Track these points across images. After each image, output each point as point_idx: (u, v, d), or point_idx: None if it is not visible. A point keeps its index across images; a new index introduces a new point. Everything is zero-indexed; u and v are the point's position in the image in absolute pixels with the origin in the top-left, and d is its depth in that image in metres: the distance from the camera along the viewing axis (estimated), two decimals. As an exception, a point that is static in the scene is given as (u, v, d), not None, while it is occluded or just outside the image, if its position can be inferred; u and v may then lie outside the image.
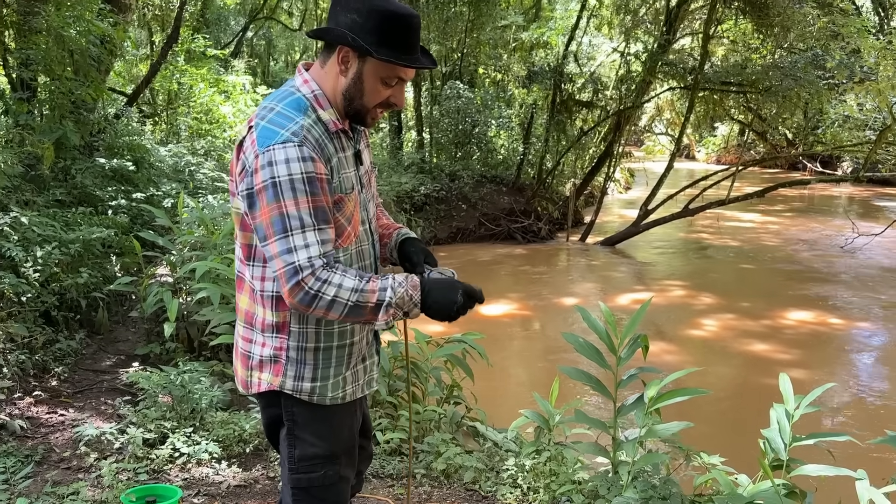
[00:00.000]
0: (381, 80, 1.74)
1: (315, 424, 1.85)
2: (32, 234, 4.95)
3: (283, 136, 1.65)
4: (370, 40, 1.67)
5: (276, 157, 1.62)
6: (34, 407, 4.08)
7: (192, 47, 12.89)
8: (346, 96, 1.75)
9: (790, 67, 12.38)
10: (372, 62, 1.71)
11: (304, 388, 1.82)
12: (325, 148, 1.71)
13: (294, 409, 1.84)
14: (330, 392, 1.84)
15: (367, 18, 1.67)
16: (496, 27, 16.83)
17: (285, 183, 1.62)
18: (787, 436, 2.79)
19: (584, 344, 2.77)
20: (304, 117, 1.70)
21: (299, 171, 1.63)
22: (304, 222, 1.63)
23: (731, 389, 6.72)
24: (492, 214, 14.03)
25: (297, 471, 1.85)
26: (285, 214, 1.63)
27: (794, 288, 10.61)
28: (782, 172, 25.88)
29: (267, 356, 1.82)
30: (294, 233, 1.63)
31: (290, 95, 1.75)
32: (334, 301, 1.63)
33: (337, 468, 1.87)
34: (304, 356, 1.81)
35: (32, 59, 6.70)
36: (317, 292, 1.62)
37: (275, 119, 1.69)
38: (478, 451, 3.85)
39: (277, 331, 1.80)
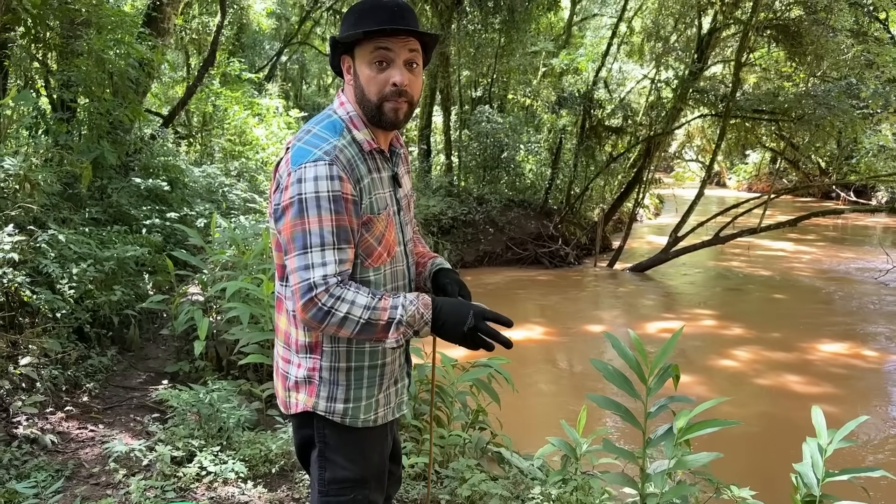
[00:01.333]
0: (368, 63, 1.75)
1: (346, 448, 1.86)
2: (69, 251, 5.04)
3: (316, 154, 1.69)
4: (346, 30, 1.75)
5: (305, 175, 1.67)
6: (65, 422, 4.13)
7: (227, 70, 13.14)
8: (359, 100, 1.79)
9: (824, 96, 12.27)
10: (357, 53, 1.77)
11: (336, 409, 1.83)
12: (357, 168, 1.74)
13: (326, 430, 1.86)
14: (363, 414, 1.86)
15: (345, 20, 1.78)
16: (526, 53, 16.95)
17: (311, 200, 1.66)
18: (821, 471, 2.73)
19: (613, 372, 2.75)
20: (339, 138, 1.75)
21: (326, 189, 1.66)
22: (324, 240, 1.66)
23: (762, 422, 6.59)
24: (519, 239, 14.02)
25: (326, 493, 1.86)
26: (307, 231, 1.66)
27: (827, 319, 10.42)
28: (815, 201, 25.54)
29: (302, 377, 1.85)
30: (313, 250, 1.66)
31: (328, 118, 1.81)
32: (346, 318, 1.65)
33: (366, 493, 1.88)
34: (337, 377, 1.83)
35: (73, 80, 6.88)
36: (329, 309, 1.64)
37: (310, 140, 1.74)
38: (503, 477, 3.82)
39: (310, 351, 1.83)
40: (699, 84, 14.03)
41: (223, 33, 12.79)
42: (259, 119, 12.31)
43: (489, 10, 14.65)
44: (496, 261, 13.76)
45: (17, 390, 4.06)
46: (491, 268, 13.49)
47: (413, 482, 3.66)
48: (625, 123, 16.00)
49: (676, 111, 14.28)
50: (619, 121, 16.14)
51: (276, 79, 20.32)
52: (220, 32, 10.35)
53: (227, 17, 13.13)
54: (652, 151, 14.50)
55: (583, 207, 15.91)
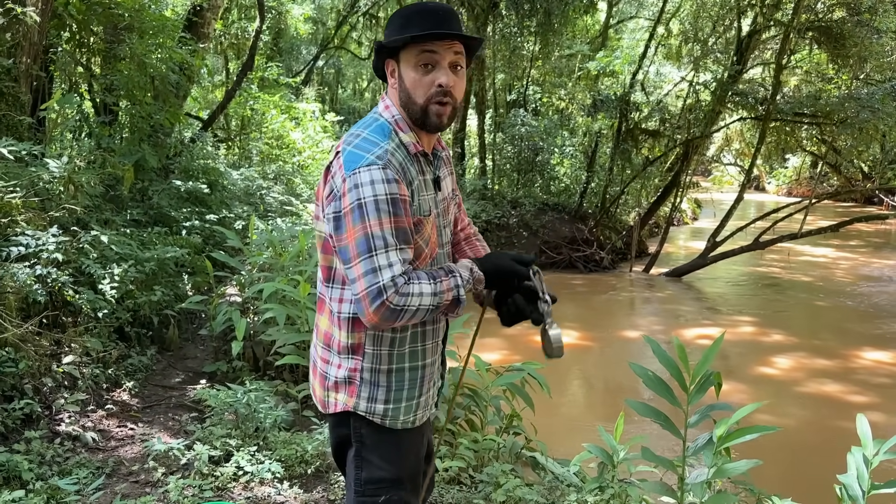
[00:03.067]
0: (413, 66, 1.77)
1: (383, 448, 1.88)
2: (110, 252, 5.14)
3: (368, 159, 1.71)
4: (392, 33, 1.77)
5: (361, 180, 1.68)
6: (106, 420, 4.20)
7: (265, 75, 13.30)
8: (404, 103, 1.81)
9: (867, 99, 11.99)
10: (403, 57, 1.79)
11: (377, 409, 1.85)
12: (408, 171, 1.77)
13: (363, 430, 1.87)
14: (402, 416, 1.88)
15: (390, 24, 1.81)
16: (562, 56, 16.86)
17: (370, 204, 1.68)
18: (866, 482, 2.66)
19: (653, 378, 2.71)
20: (388, 141, 1.76)
21: (384, 192, 1.68)
22: (387, 242, 1.69)
23: (805, 431, 6.45)
24: (553, 242, 13.93)
25: (362, 493, 1.88)
26: (370, 234, 1.68)
27: (870, 326, 10.17)
28: (857, 206, 24.98)
29: (342, 377, 1.87)
30: (378, 253, 1.68)
31: (375, 122, 1.82)
32: (418, 310, 1.72)
33: (402, 494, 1.89)
34: (378, 378, 1.85)
35: (116, 84, 7.02)
36: (402, 307, 1.69)
37: (360, 144, 1.75)
38: (538, 483, 3.78)
39: (352, 352, 1.85)
40: (738, 87, 13.81)
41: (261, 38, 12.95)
42: (296, 123, 12.43)
43: (525, 13, 14.60)
44: (530, 265, 13.67)
45: (60, 388, 4.14)
46: (525, 272, 13.40)
47: (448, 486, 3.65)
48: (662, 126, 15.81)
49: (715, 114, 14.07)
50: (655, 124, 15.95)
51: (313, 83, 20.51)
52: (258, 37, 10.48)
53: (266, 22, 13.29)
54: (690, 155, 14.31)
55: (618, 211, 15.76)
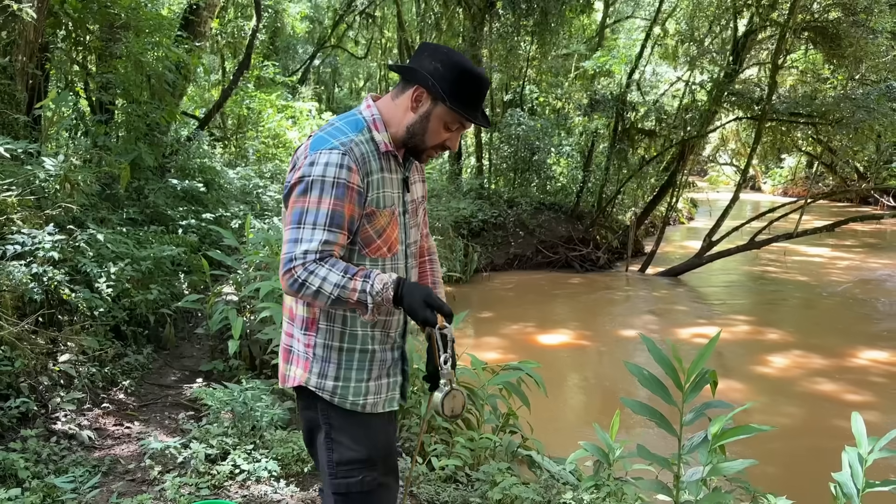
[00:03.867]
0: (445, 124, 1.94)
1: (352, 429, 1.95)
2: (107, 250, 5.13)
3: (332, 144, 1.84)
4: (446, 88, 1.87)
5: (318, 160, 1.81)
6: (102, 418, 4.20)
7: (261, 74, 13.28)
8: (410, 130, 1.94)
9: (863, 99, 12.02)
10: (442, 107, 1.91)
11: (326, 385, 1.94)
12: (369, 163, 1.88)
13: (330, 413, 1.95)
14: (351, 395, 1.95)
15: (448, 70, 1.88)
16: (558, 56, 16.87)
17: (317, 182, 1.80)
18: (861, 480, 2.67)
19: (648, 377, 2.72)
20: (358, 134, 1.89)
21: (333, 175, 1.80)
22: (316, 221, 1.80)
23: (800, 429, 6.47)
24: (549, 242, 13.95)
25: (336, 475, 1.94)
26: (305, 209, 1.80)
27: (866, 326, 10.20)
28: (852, 206, 25.02)
29: (299, 352, 1.97)
30: (304, 226, 1.80)
31: (352, 116, 1.96)
32: (319, 291, 1.78)
33: (375, 474, 1.95)
34: (329, 354, 1.95)
35: (112, 83, 7.01)
36: (303, 281, 1.78)
37: (330, 132, 1.89)
38: (534, 482, 3.79)
39: (307, 327, 1.95)
40: (734, 87, 13.84)
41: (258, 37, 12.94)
42: (293, 122, 12.42)
43: (522, 12, 14.61)
44: (526, 264, 13.70)
45: (56, 387, 4.14)
46: (521, 271, 13.44)
47: (444, 484, 3.65)
48: (658, 126, 15.84)
49: (711, 114, 14.10)
50: (652, 123, 15.98)
51: (310, 82, 20.49)
52: (255, 36, 10.47)
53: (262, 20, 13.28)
54: (686, 154, 14.33)
55: (615, 211, 15.77)
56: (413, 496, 3.55)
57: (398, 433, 4.12)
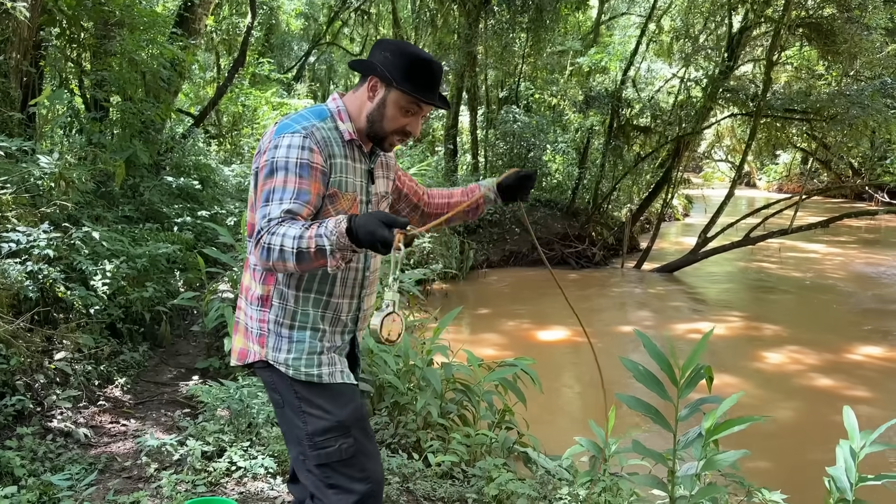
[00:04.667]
0: (400, 108, 2.02)
1: (319, 399, 2.00)
2: (102, 248, 5.13)
3: (294, 128, 1.94)
4: (396, 74, 1.98)
5: (281, 143, 1.91)
6: (98, 416, 4.20)
7: (257, 71, 13.26)
8: (370, 119, 2.04)
9: (857, 95, 12.05)
10: (395, 92, 2.01)
11: (280, 358, 2.01)
12: (331, 146, 1.97)
13: (296, 387, 2.01)
14: (304, 367, 2.01)
15: (396, 57, 2.00)
16: (553, 52, 16.87)
17: (280, 162, 1.89)
18: (854, 474, 2.69)
19: (643, 372, 2.73)
20: (321, 122, 2.00)
21: (296, 156, 1.89)
22: (282, 197, 1.87)
23: (795, 424, 6.50)
24: (545, 239, 13.96)
25: (314, 447, 1.98)
26: (272, 189, 1.88)
27: (861, 321, 10.24)
28: (847, 202, 25.10)
29: (253, 328, 2.05)
30: (273, 203, 1.87)
31: (317, 107, 2.07)
32: (282, 250, 1.78)
33: (351, 440, 1.98)
34: (281, 330, 2.02)
35: (106, 80, 6.99)
36: (268, 245, 1.81)
37: (294, 118, 1.99)
38: (530, 478, 3.81)
39: (262, 304, 2.03)
40: (729, 83, 13.86)
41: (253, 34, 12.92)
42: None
43: (517, 8, 14.60)
44: (522, 261, 13.71)
45: (52, 384, 4.14)
46: (517, 268, 13.45)
47: (440, 480, 3.66)
48: (653, 123, 15.86)
49: (706, 110, 14.12)
50: (647, 120, 16.00)
51: (305, 79, 20.46)
52: (250, 33, 10.45)
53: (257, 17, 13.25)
54: (681, 151, 14.36)
55: (610, 207, 15.79)
56: (409, 493, 3.56)
57: (395, 429, 4.12)
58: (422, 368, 4.24)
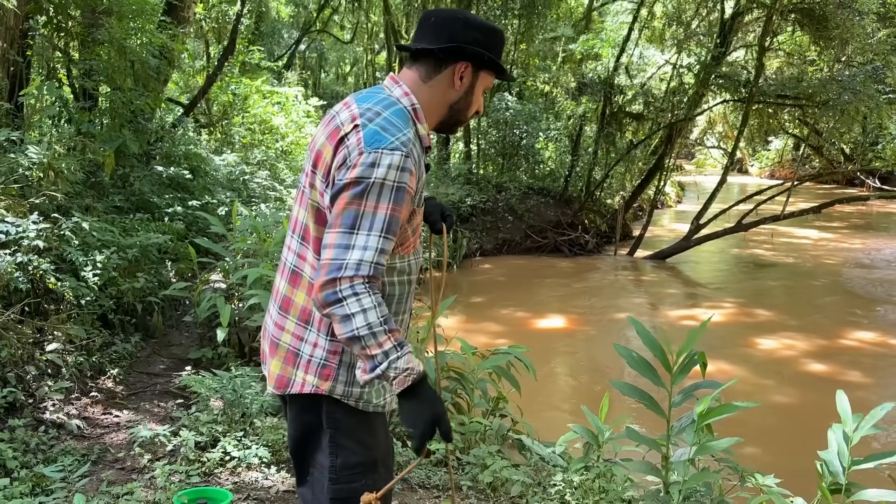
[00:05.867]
0: (483, 88, 1.87)
1: (358, 431, 1.84)
2: (92, 238, 5.09)
3: (393, 143, 1.68)
4: (490, 46, 1.81)
5: (381, 161, 1.65)
6: (90, 407, 4.19)
7: (247, 59, 13.16)
8: (454, 108, 1.86)
9: (849, 81, 12.05)
10: (483, 75, 1.85)
11: (353, 392, 1.81)
12: (420, 164, 1.77)
13: (338, 415, 1.82)
14: (374, 398, 1.85)
15: (486, 36, 1.81)
16: (545, 39, 16.80)
17: (376, 185, 1.65)
18: (846, 458, 2.70)
19: (637, 359, 2.73)
20: (409, 129, 1.74)
21: (394, 179, 1.66)
22: (373, 226, 1.64)
23: (788, 409, 6.53)
24: (538, 227, 13.95)
25: (337, 481, 1.83)
26: (361, 213, 1.64)
27: (853, 306, 10.29)
28: (839, 188, 25.19)
29: (318, 357, 1.81)
30: (360, 232, 1.64)
31: (394, 105, 1.78)
32: (349, 318, 1.61)
33: (376, 477, 1.85)
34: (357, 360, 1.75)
35: (95, 69, 6.92)
36: (342, 300, 1.61)
37: (383, 124, 1.71)
38: (524, 465, 3.81)
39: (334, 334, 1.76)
40: (722, 69, 13.84)
41: (242, 22, 12.81)
42: (279, 107, 12.33)
43: (509, -5, 14.54)
44: (515, 249, 13.71)
45: (44, 376, 4.12)
46: (510, 256, 13.45)
47: (434, 468, 3.67)
48: (646, 110, 15.83)
49: (698, 97, 14.11)
50: (639, 107, 15.97)
51: (295, 67, 20.34)
52: (239, 21, 10.37)
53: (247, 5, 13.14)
54: (673, 138, 14.35)
55: (603, 195, 15.79)
56: (404, 481, 3.56)
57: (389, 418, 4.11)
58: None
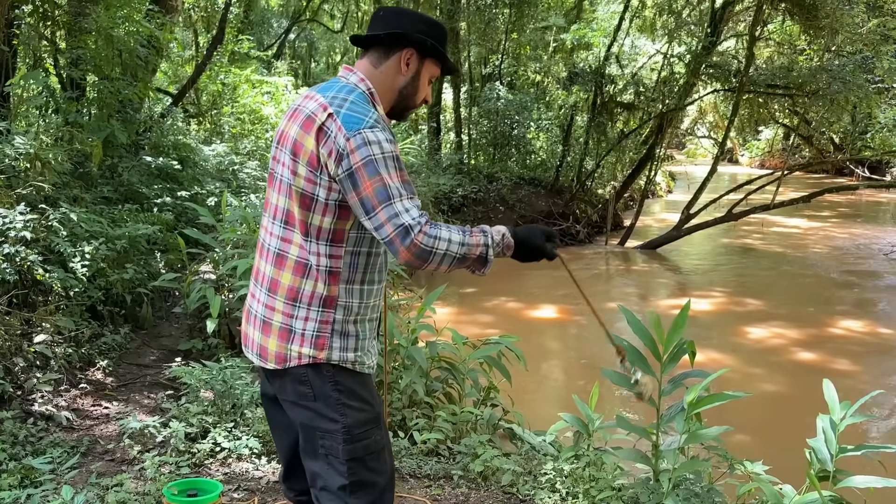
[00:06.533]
0: (429, 77, 2.04)
1: (360, 390, 1.96)
2: (80, 229, 5.05)
3: (368, 122, 1.84)
4: (433, 36, 1.99)
5: (369, 138, 1.82)
6: (80, 399, 4.17)
7: (236, 48, 13.07)
8: (403, 93, 2.01)
9: (839, 70, 12.08)
10: (429, 63, 2.02)
11: (348, 357, 1.94)
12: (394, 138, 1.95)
13: (339, 378, 1.93)
14: (367, 360, 2.00)
15: (432, 28, 2.01)
16: (537, 29, 16.76)
17: (380, 160, 1.82)
18: (834, 446, 2.72)
19: (627, 347, 2.73)
20: (374, 109, 1.92)
21: (390, 150, 1.84)
22: (401, 191, 1.82)
23: (777, 398, 6.57)
24: (530, 217, 13.95)
25: (352, 440, 1.91)
26: (387, 185, 1.81)
27: (842, 295, 10.36)
28: (828, 177, 25.29)
29: (311, 330, 1.92)
30: (395, 200, 1.80)
31: (354, 90, 1.94)
32: (445, 254, 1.81)
33: (382, 432, 1.99)
34: (348, 328, 1.95)
35: (82, 58, 6.85)
36: (430, 248, 1.79)
37: (353, 108, 1.87)
38: (515, 454, 3.82)
39: (325, 305, 1.92)
40: (712, 59, 13.84)
41: (231, 10, 12.72)
42: (269, 97, 12.25)
43: (500, -16, 14.48)
44: (507, 239, 13.69)
45: (32, 368, 4.09)
46: (501, 246, 13.43)
47: (426, 458, 3.67)
48: (637, 99, 15.84)
49: (689, 86, 14.12)
50: (630, 97, 15.97)
51: (285, 57, 20.21)
52: (228, 10, 10.28)
53: (236, -6, 13.05)
54: (664, 128, 14.36)
55: (594, 185, 15.80)
56: (395, 470, 3.56)
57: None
58: (406, 347, 4.23)
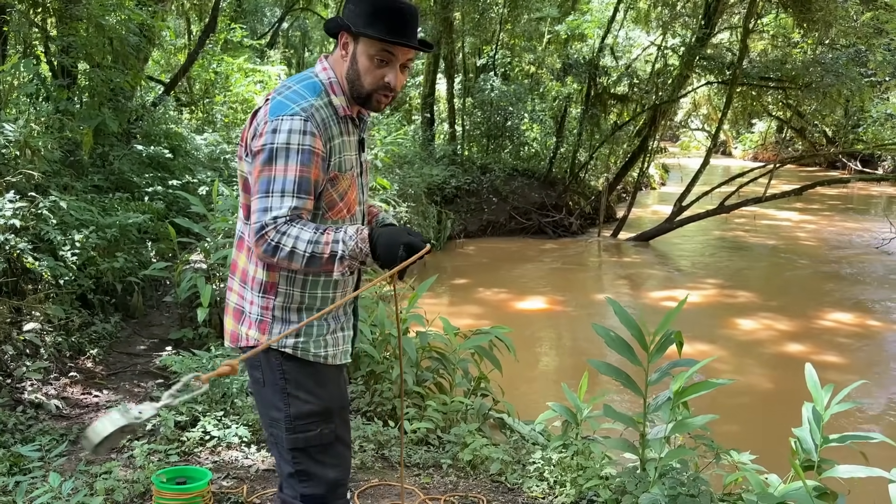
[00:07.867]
0: (371, 58, 1.88)
1: (307, 381, 1.94)
2: (71, 218, 5.04)
3: (293, 109, 1.82)
4: (359, 22, 1.86)
5: (281, 127, 1.80)
6: (69, 387, 4.17)
7: (228, 37, 13.00)
8: (348, 79, 1.92)
9: (831, 63, 12.12)
10: (362, 42, 1.88)
11: (287, 342, 1.92)
12: (330, 129, 1.88)
13: (284, 366, 1.93)
14: (312, 349, 1.95)
15: (357, 5, 1.88)
16: (531, 20, 16.72)
17: (281, 150, 1.79)
18: (818, 436, 2.74)
19: (614, 338, 2.75)
20: (317, 98, 1.87)
21: (297, 142, 1.80)
22: (284, 188, 1.79)
23: (764, 388, 6.62)
24: (523, 208, 13.96)
25: (293, 430, 1.92)
26: (272, 178, 1.80)
27: (832, 288, 10.41)
28: (821, 170, 25.37)
29: (255, 314, 1.95)
30: (273, 195, 1.79)
31: (308, 79, 1.93)
32: (293, 252, 1.76)
33: (332, 427, 1.95)
34: (289, 315, 1.94)
35: (73, 46, 6.80)
36: (277, 244, 1.76)
37: (289, 95, 1.87)
38: (504, 443, 3.84)
39: (265, 291, 1.93)
40: (706, 51, 13.85)
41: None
42: (262, 86, 12.19)
43: (494, -25, 14.43)
44: (500, 230, 13.72)
45: (22, 356, 4.09)
46: (494, 238, 13.46)
47: (416, 447, 3.69)
48: (630, 91, 15.83)
49: (683, 79, 14.12)
50: (624, 88, 15.96)
51: (279, 46, 20.11)
52: (220, -2, 10.21)
53: (228, -18, 12.96)
54: (657, 120, 14.37)
55: (587, 177, 15.80)
56: (385, 459, 3.58)
57: (371, 397, 4.14)
58: (397, 337, 4.24)
